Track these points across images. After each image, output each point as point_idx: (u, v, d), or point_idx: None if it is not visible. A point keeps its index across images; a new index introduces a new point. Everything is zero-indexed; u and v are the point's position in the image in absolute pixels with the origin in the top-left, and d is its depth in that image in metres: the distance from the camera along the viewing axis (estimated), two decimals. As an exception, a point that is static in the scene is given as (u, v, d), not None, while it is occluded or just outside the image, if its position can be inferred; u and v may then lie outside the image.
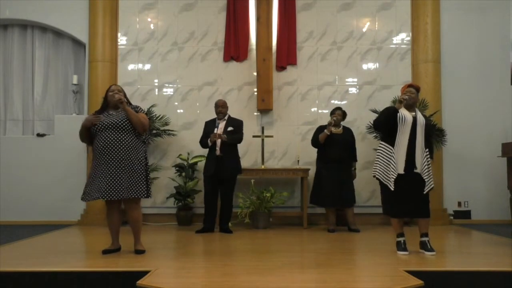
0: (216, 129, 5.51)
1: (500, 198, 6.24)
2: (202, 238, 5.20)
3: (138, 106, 4.18)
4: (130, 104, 4.18)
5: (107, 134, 3.92)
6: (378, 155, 4.22)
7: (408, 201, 4.03)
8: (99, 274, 3.37)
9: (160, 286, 2.93)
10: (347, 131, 5.78)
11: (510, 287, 3.30)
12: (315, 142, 5.73)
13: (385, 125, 4.15)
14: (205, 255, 4.36)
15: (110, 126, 3.93)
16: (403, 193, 4.02)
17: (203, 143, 5.61)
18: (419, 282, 3.02)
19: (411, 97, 4.13)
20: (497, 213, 6.42)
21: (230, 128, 5.53)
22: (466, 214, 6.60)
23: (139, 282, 3.03)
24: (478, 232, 5.59)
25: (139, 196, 3.96)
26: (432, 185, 4.09)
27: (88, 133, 4.04)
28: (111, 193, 3.84)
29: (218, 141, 5.46)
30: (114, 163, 3.88)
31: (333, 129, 5.64)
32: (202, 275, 3.34)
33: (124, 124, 3.95)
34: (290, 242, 4.96)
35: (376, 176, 4.20)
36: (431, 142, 4.25)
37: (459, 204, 6.61)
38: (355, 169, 5.82)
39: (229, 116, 5.68)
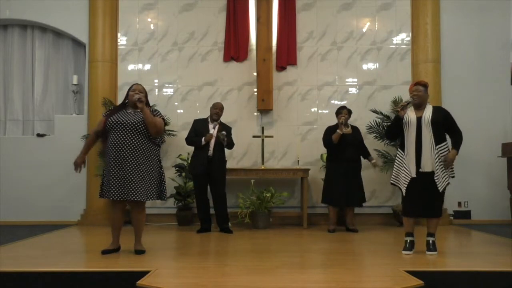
0: (213, 130, 5.49)
1: (500, 198, 6.24)
2: (202, 238, 5.20)
3: (156, 110, 4.17)
4: (149, 106, 4.17)
5: (121, 133, 3.92)
6: (395, 161, 4.21)
7: (420, 200, 4.03)
8: (99, 274, 3.38)
9: (160, 286, 2.93)
10: (356, 131, 5.71)
11: (510, 287, 3.30)
12: (328, 143, 5.61)
13: (395, 134, 4.16)
14: (205, 255, 4.36)
15: (125, 125, 3.93)
16: (415, 193, 4.03)
17: (193, 141, 5.55)
18: (419, 282, 3.02)
19: (418, 96, 4.07)
20: (497, 213, 6.42)
21: (224, 133, 5.53)
22: (466, 214, 6.60)
23: (139, 282, 3.03)
24: (478, 232, 5.59)
25: (149, 199, 3.99)
26: (447, 182, 4.03)
27: (96, 137, 4.11)
28: (122, 195, 3.89)
29: (212, 142, 5.45)
30: (126, 165, 3.89)
31: (344, 129, 5.59)
32: (202, 275, 3.34)
33: (139, 126, 3.94)
34: (290, 242, 4.96)
35: (391, 181, 4.21)
36: (454, 132, 4.11)
37: (459, 204, 6.61)
38: (375, 160, 5.73)
39: (221, 121, 5.67)
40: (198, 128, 5.58)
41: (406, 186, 4.05)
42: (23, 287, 3.30)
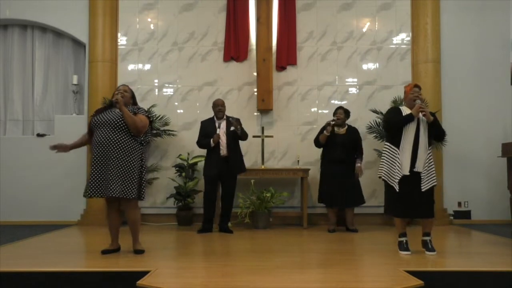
0: (218, 129, 5.47)
1: (500, 198, 6.24)
2: (202, 238, 5.20)
3: (141, 108, 4.16)
4: (135, 104, 4.18)
5: (103, 131, 3.94)
6: (383, 156, 4.20)
7: (412, 201, 4.02)
8: (99, 274, 3.38)
9: (160, 286, 2.93)
10: (352, 131, 5.73)
11: (510, 287, 3.30)
12: (316, 142, 5.74)
13: (399, 128, 4.08)
14: (205, 255, 4.36)
15: (107, 123, 3.95)
16: (407, 193, 4.01)
17: (203, 144, 5.55)
18: (419, 282, 3.02)
19: (422, 99, 4.13)
20: (497, 213, 6.42)
21: (232, 128, 5.51)
22: (466, 214, 6.60)
23: (139, 282, 3.03)
24: (478, 232, 5.59)
25: (128, 197, 3.89)
26: (434, 183, 4.04)
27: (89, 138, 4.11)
28: (99, 191, 3.86)
29: (223, 141, 5.43)
30: (106, 161, 3.88)
31: (336, 129, 5.61)
32: (202, 275, 3.34)
33: (119, 122, 3.94)
34: (290, 242, 4.96)
35: (382, 177, 4.16)
36: (438, 124, 4.12)
37: (459, 204, 6.60)
38: (360, 165, 5.64)
39: (227, 115, 5.65)
40: (206, 129, 5.54)
41: (398, 183, 4.02)
42: (23, 287, 3.30)
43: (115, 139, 3.91)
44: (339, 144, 5.56)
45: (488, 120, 6.61)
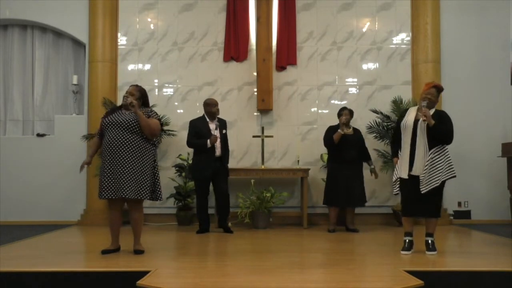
0: (216, 131, 5.41)
1: (500, 198, 6.23)
2: (201, 238, 5.20)
3: (152, 111, 4.16)
4: (146, 104, 4.18)
5: (115, 132, 3.94)
6: None
7: (416, 201, 4.05)
8: (99, 274, 3.38)
9: (160, 286, 2.93)
10: (357, 132, 5.74)
11: (510, 287, 3.30)
12: (329, 141, 5.59)
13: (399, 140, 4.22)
14: (205, 255, 4.36)
15: (119, 124, 3.95)
16: (411, 193, 4.05)
17: (198, 144, 5.40)
18: (419, 282, 3.02)
19: (430, 100, 4.04)
20: (497, 213, 6.41)
21: (224, 131, 5.51)
22: (466, 214, 6.60)
23: (139, 282, 3.02)
24: (478, 232, 5.59)
25: (142, 198, 3.97)
26: (435, 185, 3.95)
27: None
28: (114, 192, 3.89)
29: (218, 142, 5.40)
30: (119, 162, 3.90)
31: (346, 130, 5.59)
32: (202, 275, 3.34)
33: (133, 124, 3.96)
34: (290, 242, 4.96)
35: (394, 192, 4.26)
36: (441, 130, 3.99)
37: (459, 204, 6.61)
38: (374, 167, 5.73)
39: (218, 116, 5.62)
40: (199, 129, 5.44)
41: (396, 186, 4.13)
42: (23, 287, 3.30)
43: (127, 140, 3.93)
44: (350, 144, 5.55)
45: (488, 120, 6.61)
